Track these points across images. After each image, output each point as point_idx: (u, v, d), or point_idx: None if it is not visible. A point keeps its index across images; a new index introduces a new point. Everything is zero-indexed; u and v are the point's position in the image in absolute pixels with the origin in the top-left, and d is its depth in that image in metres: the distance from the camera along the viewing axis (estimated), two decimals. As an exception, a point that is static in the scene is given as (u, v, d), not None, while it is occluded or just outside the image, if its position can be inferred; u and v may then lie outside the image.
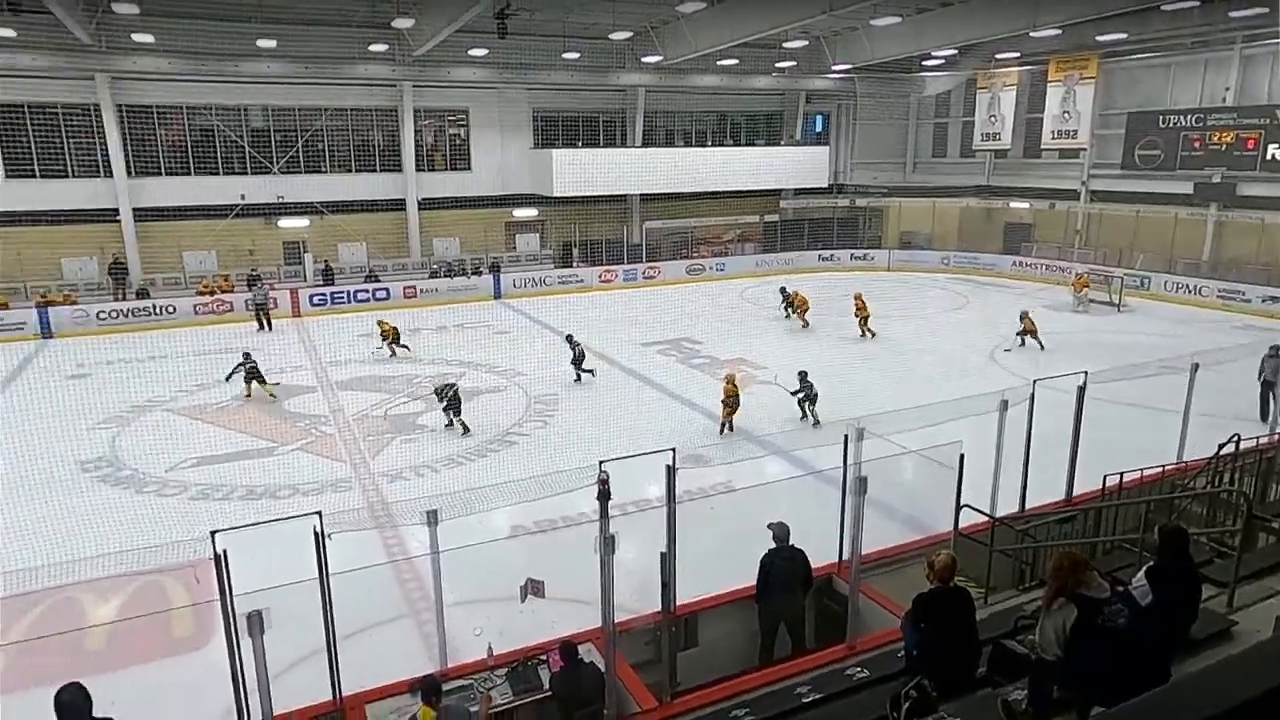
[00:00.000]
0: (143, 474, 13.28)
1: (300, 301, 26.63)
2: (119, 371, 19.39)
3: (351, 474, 13.28)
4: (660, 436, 13.74)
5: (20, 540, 10.64)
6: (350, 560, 5.87)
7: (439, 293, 28.38)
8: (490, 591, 8.00)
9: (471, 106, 30.57)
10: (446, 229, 30.98)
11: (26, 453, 13.95)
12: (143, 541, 10.26)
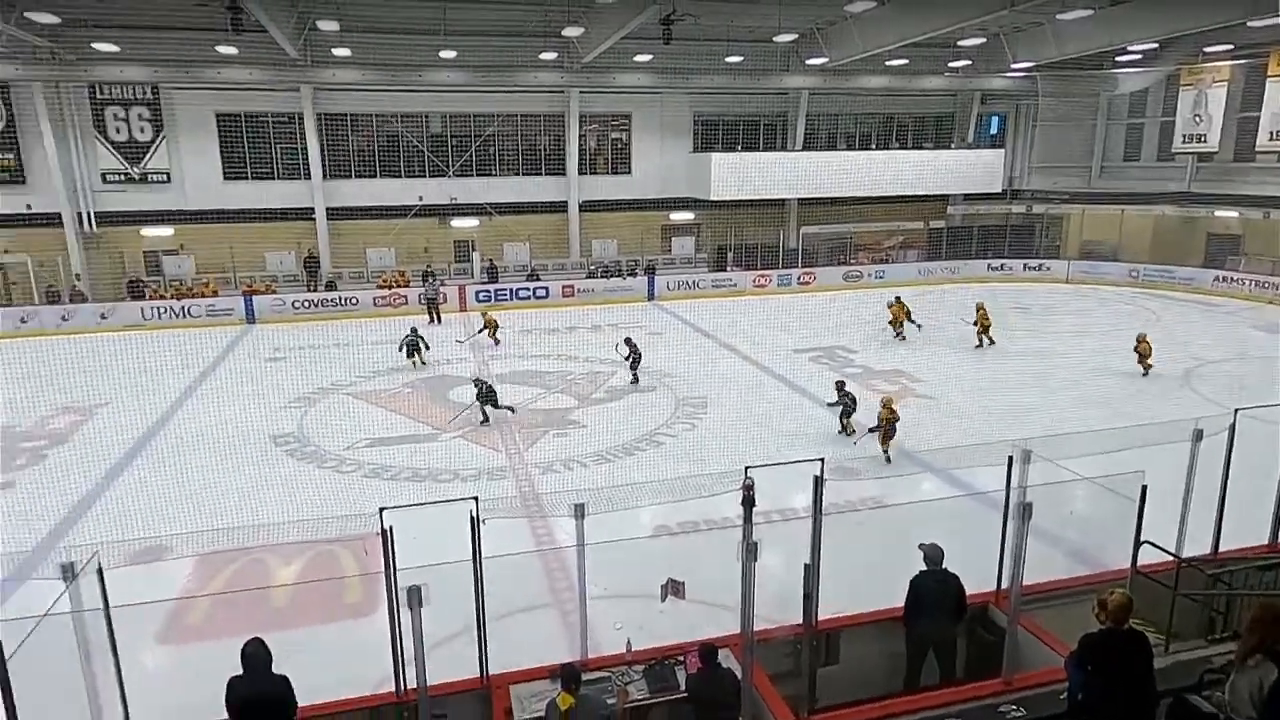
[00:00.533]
0: (324, 451, 14.49)
1: (467, 297, 28.15)
2: (308, 356, 21.31)
3: (506, 463, 13.89)
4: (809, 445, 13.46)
5: (221, 503, 11.93)
6: (502, 546, 6.13)
7: (595, 293, 29.16)
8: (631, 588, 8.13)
9: (634, 111, 31.20)
10: (605, 230, 31.82)
11: (230, 425, 15.64)
12: (321, 513, 11.22)
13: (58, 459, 14.28)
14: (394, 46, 26.38)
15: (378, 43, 26.15)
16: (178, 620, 8.97)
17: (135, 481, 13.20)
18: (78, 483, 13.03)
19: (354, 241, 29.34)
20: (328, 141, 28.43)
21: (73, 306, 25.68)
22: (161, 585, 9.34)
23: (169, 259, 28.07)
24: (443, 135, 29.84)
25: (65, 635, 5.23)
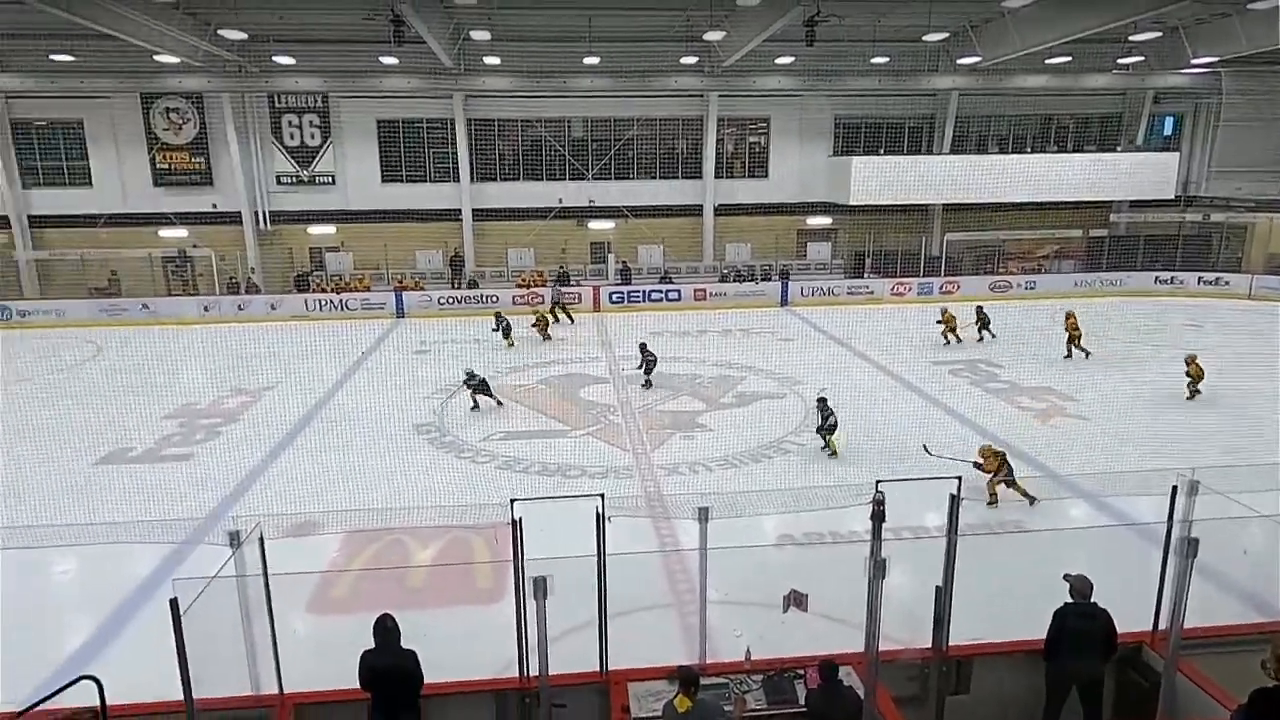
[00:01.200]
0: (461, 441, 15.17)
1: (600, 298, 28.72)
2: (451, 350, 22.37)
3: (633, 463, 14.06)
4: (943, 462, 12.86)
5: (366, 485, 12.71)
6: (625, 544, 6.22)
7: (727, 296, 29.06)
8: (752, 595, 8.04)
9: (773, 114, 30.88)
10: (739, 234, 31.66)
11: (377, 412, 16.66)
12: (456, 500, 11.75)
13: (230, 436, 15.68)
14: (541, 54, 27.30)
15: (525, 50, 27.16)
16: (324, 591, 9.64)
17: (293, 460, 14.30)
18: (245, 458, 14.26)
19: (496, 241, 30.59)
20: (476, 146, 29.77)
21: (248, 297, 28.13)
22: (312, 558, 10.06)
23: (331, 255, 30.26)
24: (584, 139, 30.60)
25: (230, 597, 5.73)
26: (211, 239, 29.04)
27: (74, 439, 15.29)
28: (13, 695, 6.35)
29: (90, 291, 28.51)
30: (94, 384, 19.97)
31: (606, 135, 30.56)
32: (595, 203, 30.51)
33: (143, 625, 8.71)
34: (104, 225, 28.82)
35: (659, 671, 6.16)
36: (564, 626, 6.08)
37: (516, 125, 30.19)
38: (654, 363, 18.48)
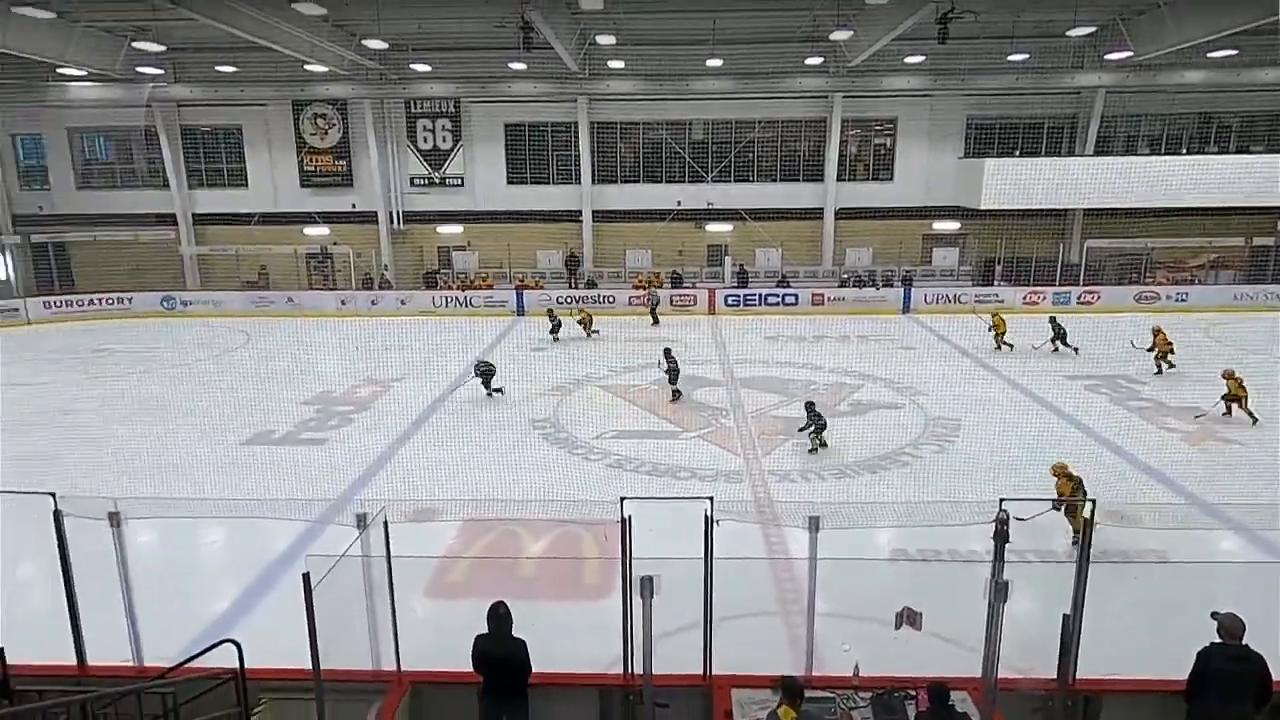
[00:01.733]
0: (574, 438, 15.47)
1: (716, 301, 28.64)
2: (568, 349, 22.86)
3: (743, 468, 13.95)
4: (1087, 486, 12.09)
5: (483, 477, 13.16)
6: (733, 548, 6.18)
7: (845, 301, 28.38)
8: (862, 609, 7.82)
9: (900, 115, 29.93)
10: (861, 238, 30.86)
11: (496, 407, 17.21)
12: (568, 495, 12.00)
13: (361, 423, 16.59)
14: (664, 57, 27.52)
15: (649, 54, 27.44)
16: (442, 576, 10.04)
17: (417, 449, 14.99)
18: (374, 445, 15.06)
19: (614, 243, 31.05)
20: (597, 148, 30.32)
21: (380, 292, 29.70)
22: (431, 543, 10.51)
23: (458, 254, 31.54)
24: (704, 141, 30.62)
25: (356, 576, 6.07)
26: (350, 237, 30.85)
27: (225, 420, 16.60)
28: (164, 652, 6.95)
29: (243, 284, 30.87)
30: (244, 370, 21.60)
31: (727, 137, 30.46)
32: (714, 205, 30.47)
33: (278, 596, 9.34)
34: (256, 223, 31.14)
35: (763, 680, 6.09)
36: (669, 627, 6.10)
37: (638, 128, 30.54)
38: (677, 372, 17.93)
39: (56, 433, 16.14)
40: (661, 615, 5.43)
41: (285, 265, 31.41)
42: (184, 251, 31.19)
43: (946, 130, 29.91)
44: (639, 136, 30.73)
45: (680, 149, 30.53)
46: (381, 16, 22.18)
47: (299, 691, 5.98)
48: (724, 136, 30.48)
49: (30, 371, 21.38)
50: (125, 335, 25.68)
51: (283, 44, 22.65)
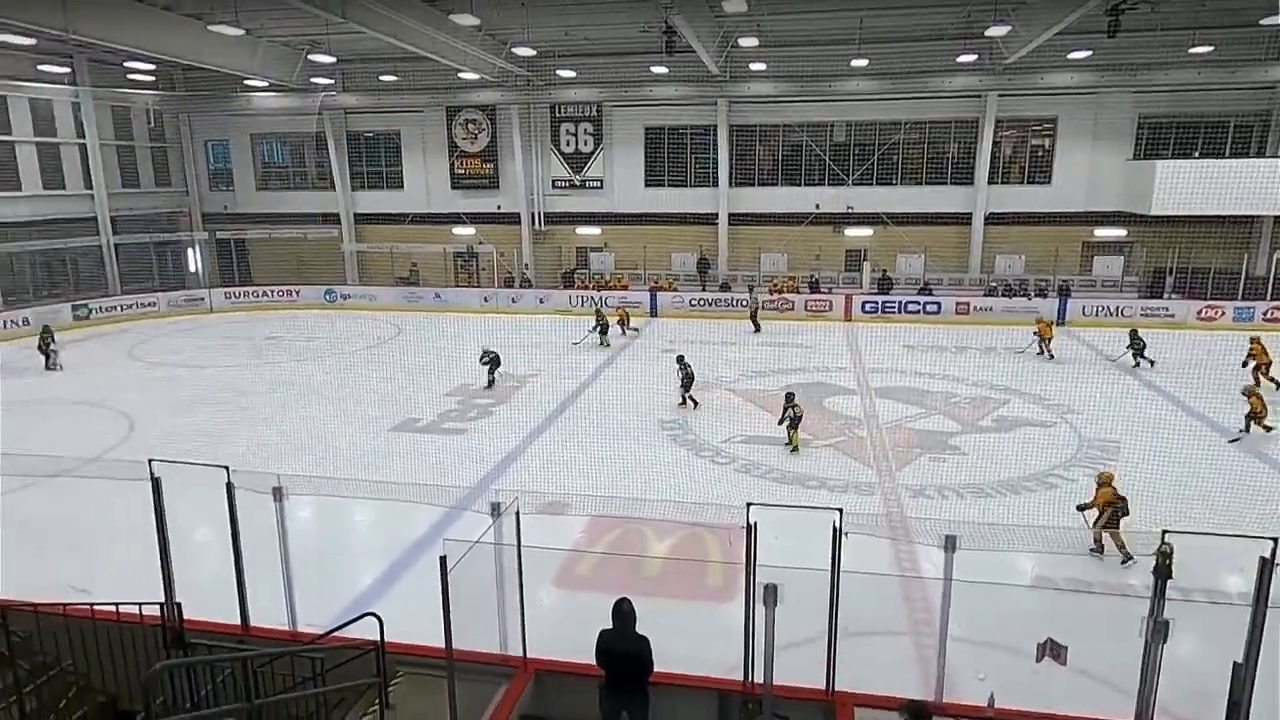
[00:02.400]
0: (703, 440, 15.47)
1: (853, 307, 27.87)
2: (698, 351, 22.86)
3: (875, 480, 13.51)
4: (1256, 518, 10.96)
5: (612, 474, 13.39)
6: (862, 562, 5.99)
7: (993, 312, 26.92)
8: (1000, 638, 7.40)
9: (1061, 114, 28.09)
10: (1012, 245, 29.19)
11: (627, 406, 17.46)
12: (694, 497, 12.01)
13: (499, 416, 17.27)
14: (807, 58, 27.06)
15: (791, 55, 27.06)
16: (569, 569, 10.30)
17: (550, 444, 15.43)
18: (509, 438, 15.64)
19: (749, 246, 30.80)
20: (736, 151, 30.19)
21: (521, 291, 30.80)
22: (560, 535, 10.80)
23: (595, 255, 32.25)
24: (845, 144, 29.87)
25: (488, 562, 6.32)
26: (494, 237, 32.17)
27: (376, 407, 17.70)
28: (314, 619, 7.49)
29: (396, 280, 32.83)
30: (393, 360, 22.96)
31: (870, 139, 29.58)
32: (854, 209, 29.67)
33: (416, 576, 9.86)
34: (410, 223, 33.02)
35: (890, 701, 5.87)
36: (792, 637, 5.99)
37: (777, 130, 30.17)
38: (691, 379, 17.59)
39: (231, 411, 17.74)
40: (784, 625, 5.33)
41: (434, 263, 33.15)
42: (345, 249, 33.50)
43: (1113, 130, 27.79)
44: (778, 139, 30.36)
45: (820, 151, 29.93)
46: (530, 24, 22.99)
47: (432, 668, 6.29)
48: (867, 138, 29.62)
49: (211, 355, 23.60)
50: (292, 325, 27.85)
51: (439, 54, 23.93)
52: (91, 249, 30.36)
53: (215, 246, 34.12)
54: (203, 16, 22.14)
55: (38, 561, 9.96)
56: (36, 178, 28.56)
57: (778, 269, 30.61)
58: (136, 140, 32.42)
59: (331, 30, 23.03)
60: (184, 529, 7.12)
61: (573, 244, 32.74)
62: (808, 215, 30.06)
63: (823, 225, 30.19)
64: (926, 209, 29.29)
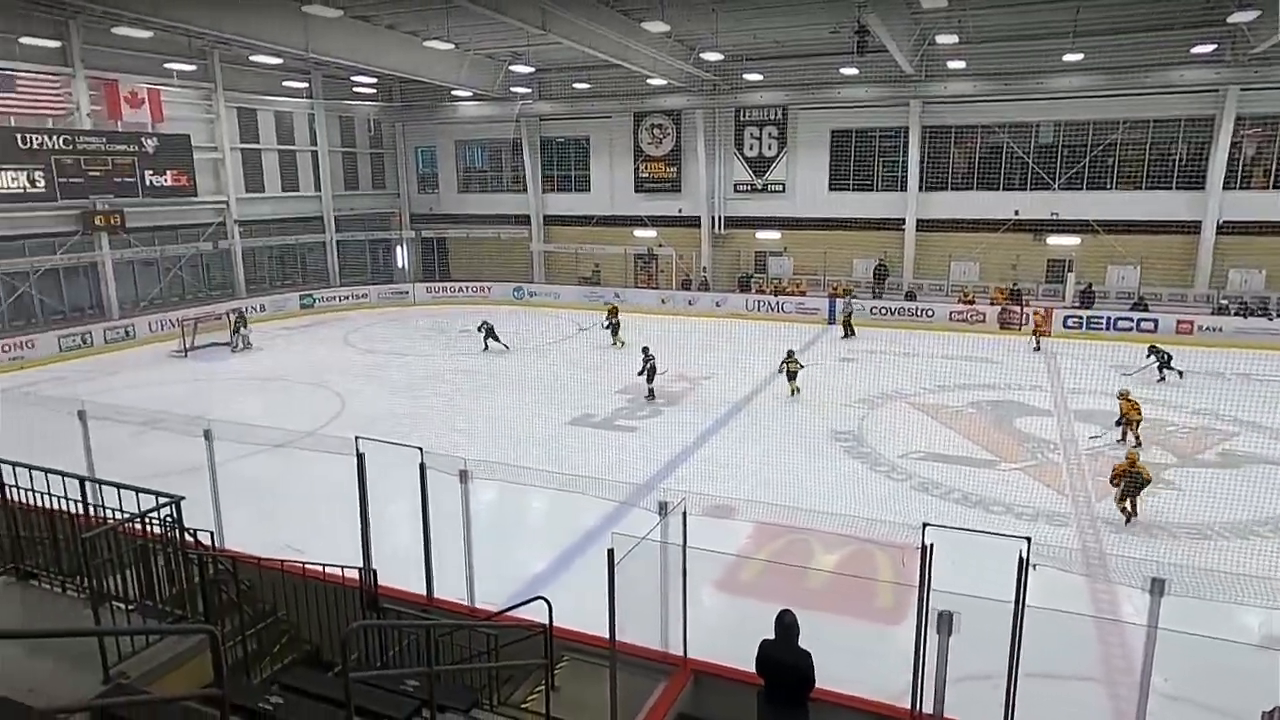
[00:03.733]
0: (878, 454, 14.90)
1: (1053, 321, 25.76)
2: (876, 361, 22.07)
3: (1070, 510, 12.43)
4: None
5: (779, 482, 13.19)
6: (1051, 598, 5.54)
7: (1222, 332, 23.96)
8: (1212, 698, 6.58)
9: (1321, 109, 24.52)
10: (1252, 258, 25.79)
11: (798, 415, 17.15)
12: (865, 513, 11.58)
13: (671, 416, 17.51)
14: (1012, 54, 25.31)
15: (994, 52, 25.42)
16: (733, 573, 10.26)
17: (719, 446, 15.45)
18: (679, 438, 15.81)
19: (938, 253, 29.26)
20: (928, 154, 28.79)
21: (698, 293, 31.04)
22: (725, 539, 10.78)
23: (774, 259, 31.91)
24: (1052, 145, 27.65)
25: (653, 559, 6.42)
26: (674, 239, 32.64)
27: (555, 400, 18.49)
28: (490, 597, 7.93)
29: (579, 280, 34.14)
30: (574, 357, 23.87)
31: (1080, 140, 27.18)
32: (1058, 215, 27.40)
33: (584, 566, 10.20)
34: (594, 225, 34.21)
35: (1075, 752, 5.39)
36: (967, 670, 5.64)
37: (975, 132, 28.45)
38: (654, 370, 18.56)
39: (428, 397, 19.18)
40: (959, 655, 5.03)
41: (615, 264, 34.14)
42: (533, 248, 35.25)
43: (1390, 127, 23.91)
44: (975, 141, 28.61)
45: (1023, 153, 27.88)
46: (719, 29, 23.11)
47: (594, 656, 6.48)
48: (1077, 139, 27.24)
49: (411, 344, 25.63)
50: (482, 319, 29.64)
51: (630, 61, 24.63)
52: (317, 245, 33.92)
53: (420, 244, 37.07)
54: (419, 33, 24.10)
55: (262, 522, 11.24)
56: (277, 181, 32.24)
57: (968, 278, 28.86)
58: (358, 147, 35.84)
59: (532, 42, 24.32)
60: (381, 502, 7.78)
61: (751, 248, 32.56)
62: (1005, 222, 28.09)
63: (1021, 232, 28.10)
64: (1145, 216, 26.50)
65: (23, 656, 4.88)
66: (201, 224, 29.18)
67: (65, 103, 24.48)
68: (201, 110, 28.87)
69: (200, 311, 26.09)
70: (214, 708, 3.79)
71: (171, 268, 28.59)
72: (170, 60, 25.99)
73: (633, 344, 23.30)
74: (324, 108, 33.02)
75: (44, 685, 4.65)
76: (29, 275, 24.50)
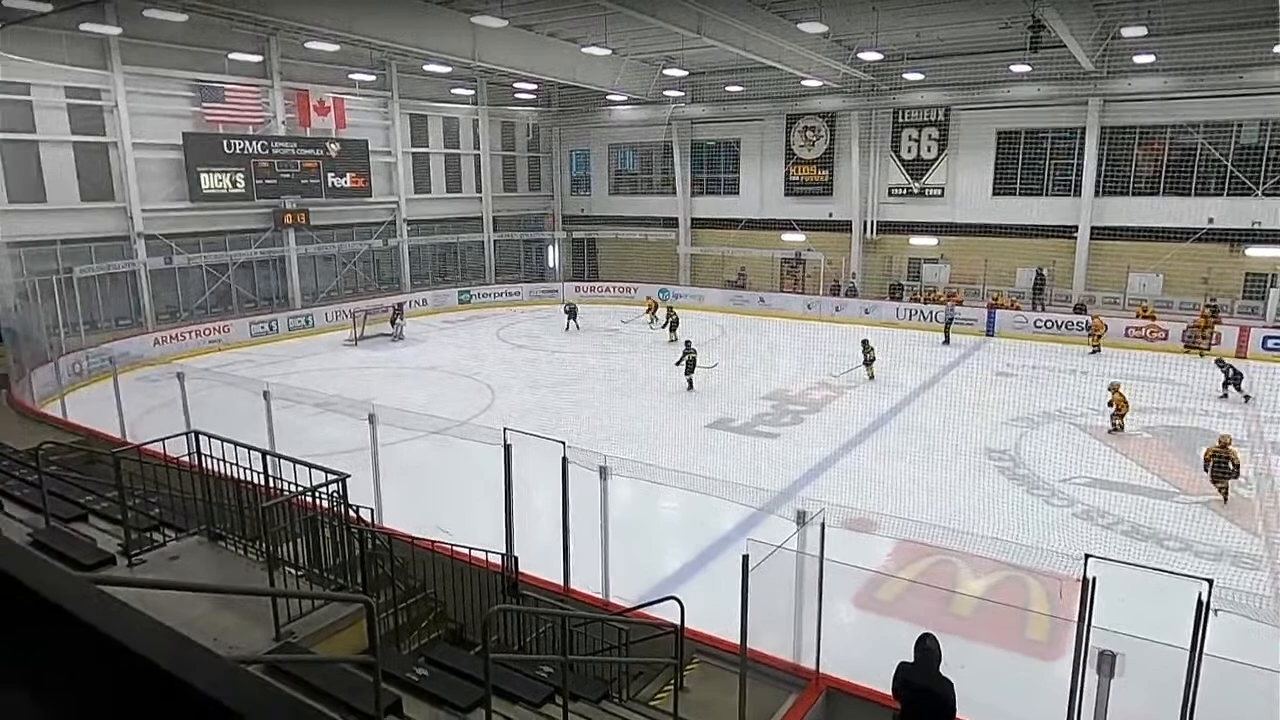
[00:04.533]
0: (1036, 476, 13.95)
1: (1249, 341, 23.19)
2: (1039, 377, 20.67)
3: (1264, 553, 11.15)
4: None
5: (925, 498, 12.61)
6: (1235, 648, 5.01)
7: None
8: None
9: None
10: None
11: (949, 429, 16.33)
12: (1020, 537, 10.87)
13: (812, 424, 17.15)
14: (1209, 46, 22.97)
15: (1190, 44, 23.15)
16: (871, 590, 9.91)
17: (861, 458, 14.97)
18: (820, 447, 15.45)
19: (1114, 264, 27.02)
20: (1107, 156, 26.65)
21: (846, 300, 30.21)
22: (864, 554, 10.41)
23: (928, 266, 30.56)
24: (1256, 146, 24.88)
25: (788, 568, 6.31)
26: (823, 244, 31.93)
27: (695, 402, 18.55)
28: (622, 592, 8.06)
29: (724, 283, 34.06)
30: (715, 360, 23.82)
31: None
32: (1261, 225, 24.60)
33: (717, 570, 10.16)
34: (742, 228, 34.03)
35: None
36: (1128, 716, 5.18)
37: (1163, 132, 26.04)
38: (693, 363, 19.54)
39: (572, 392, 19.74)
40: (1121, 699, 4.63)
41: (761, 268, 33.80)
42: (680, 251, 35.49)
43: None
44: (1163, 141, 26.18)
45: (1220, 156, 25.25)
46: (880, 28, 22.40)
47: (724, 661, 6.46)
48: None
49: (560, 341, 26.47)
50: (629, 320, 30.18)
51: (784, 62, 24.32)
52: (475, 244, 35.70)
53: (570, 244, 38.23)
54: (578, 40, 24.87)
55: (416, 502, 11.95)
56: (442, 182, 34.20)
57: (1149, 291, 26.45)
58: (517, 150, 37.41)
59: (686, 46, 24.52)
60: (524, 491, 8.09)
61: (904, 254, 31.31)
62: (1196, 231, 25.53)
63: (1217, 243, 25.44)
64: (1370, 226, 23.39)
65: (210, 610, 5.44)
66: (374, 222, 31.41)
67: (263, 111, 27.03)
68: (378, 117, 31.05)
69: (369, 304, 28.09)
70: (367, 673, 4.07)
71: (347, 263, 30.93)
72: (354, 71, 28.14)
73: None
74: (487, 113, 34.69)
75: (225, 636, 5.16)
76: (228, 267, 27.22)
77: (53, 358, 18.62)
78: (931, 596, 9.71)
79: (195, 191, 25.44)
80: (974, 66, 26.48)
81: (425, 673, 5.40)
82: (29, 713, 1.26)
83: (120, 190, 24.12)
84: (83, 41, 21.98)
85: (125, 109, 23.62)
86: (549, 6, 22.78)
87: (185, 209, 25.59)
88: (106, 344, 20.22)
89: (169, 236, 25.27)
